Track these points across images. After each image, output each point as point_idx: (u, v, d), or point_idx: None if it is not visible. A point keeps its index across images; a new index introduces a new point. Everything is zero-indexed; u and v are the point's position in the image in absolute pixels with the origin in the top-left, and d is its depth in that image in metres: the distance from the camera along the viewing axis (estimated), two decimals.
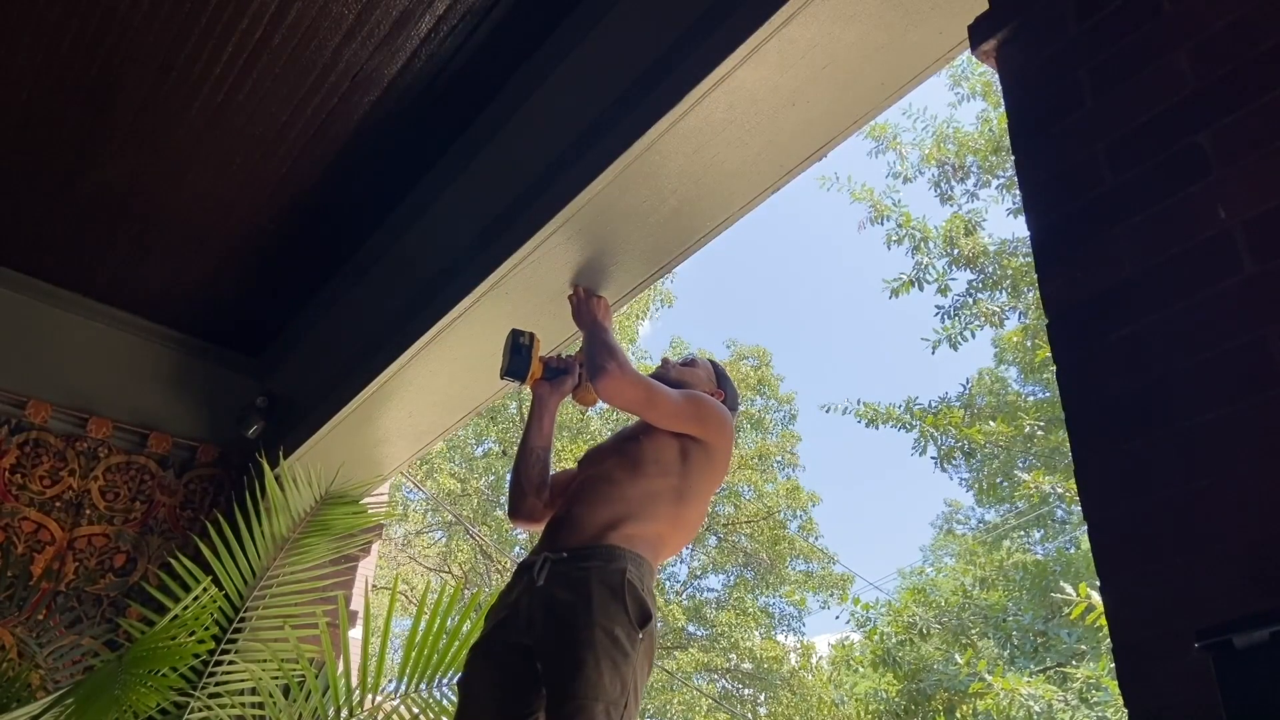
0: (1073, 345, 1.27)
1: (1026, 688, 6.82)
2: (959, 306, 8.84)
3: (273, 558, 3.12)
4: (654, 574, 1.98)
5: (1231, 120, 1.18)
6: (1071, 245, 1.31)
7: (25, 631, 3.13)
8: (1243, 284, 1.10)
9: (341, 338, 3.46)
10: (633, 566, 1.88)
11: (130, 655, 2.38)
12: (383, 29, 2.62)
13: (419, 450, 3.61)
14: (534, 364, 2.37)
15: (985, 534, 11.58)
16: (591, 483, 2.09)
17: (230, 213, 3.28)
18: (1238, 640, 0.87)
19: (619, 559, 1.89)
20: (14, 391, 3.42)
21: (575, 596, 1.82)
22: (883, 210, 8.80)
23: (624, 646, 1.76)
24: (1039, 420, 8.74)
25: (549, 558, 1.91)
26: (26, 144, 3.02)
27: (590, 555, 1.89)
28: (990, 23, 1.53)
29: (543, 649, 1.82)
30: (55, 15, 2.58)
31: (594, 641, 1.74)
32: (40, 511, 3.34)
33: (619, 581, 1.84)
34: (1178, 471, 1.10)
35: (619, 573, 1.86)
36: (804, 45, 1.98)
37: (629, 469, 2.07)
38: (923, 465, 21.80)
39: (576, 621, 1.78)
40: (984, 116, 9.11)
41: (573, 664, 1.73)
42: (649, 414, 2.13)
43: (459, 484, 12.39)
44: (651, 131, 2.17)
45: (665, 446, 2.09)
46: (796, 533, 13.31)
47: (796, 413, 13.99)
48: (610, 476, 2.07)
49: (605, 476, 2.08)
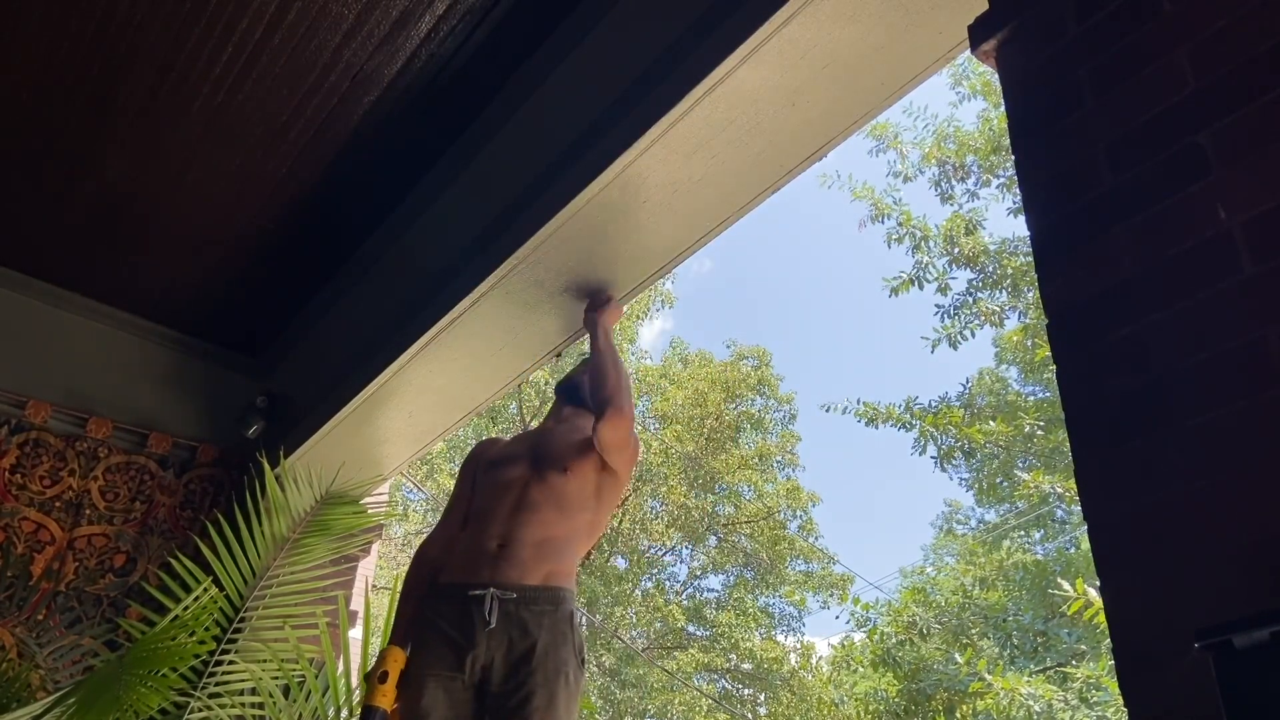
0: (1073, 345, 1.27)
1: (1026, 687, 6.82)
2: (959, 306, 8.84)
3: (273, 558, 3.12)
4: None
5: (1231, 120, 1.17)
6: (1071, 245, 1.30)
7: (25, 631, 3.13)
8: (1242, 284, 1.10)
9: (341, 338, 3.46)
10: (574, 607, 2.02)
11: (131, 655, 2.38)
12: (383, 29, 2.62)
13: (419, 450, 3.61)
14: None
15: (985, 534, 11.58)
16: (518, 510, 2.10)
17: (230, 213, 3.28)
18: (1238, 640, 0.87)
19: (565, 601, 2.00)
20: (14, 391, 3.42)
21: (536, 642, 1.92)
22: (883, 209, 8.80)
23: (574, 686, 1.93)
24: (1039, 420, 8.74)
25: (497, 596, 1.96)
26: (27, 144, 3.02)
27: (539, 598, 1.98)
28: (990, 23, 1.53)
29: (507, 689, 1.89)
30: (55, 16, 2.58)
31: (556, 685, 1.89)
32: (40, 511, 3.34)
33: (568, 626, 1.97)
34: (1178, 471, 1.10)
35: (568, 616, 1.99)
36: (804, 45, 1.98)
37: (556, 506, 2.12)
38: (923, 465, 21.82)
39: (544, 666, 1.90)
40: (984, 116, 9.11)
41: (545, 703, 1.86)
42: (621, 457, 2.20)
43: None
44: (652, 131, 2.17)
45: (587, 482, 2.17)
46: (796, 533, 13.32)
47: (796, 413, 14.01)
48: (537, 508, 2.10)
49: (531, 505, 2.10)
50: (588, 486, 2.16)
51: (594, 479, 2.17)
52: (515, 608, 1.95)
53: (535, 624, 1.94)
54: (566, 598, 2.02)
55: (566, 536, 2.10)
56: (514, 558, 2.03)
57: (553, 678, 1.89)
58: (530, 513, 2.09)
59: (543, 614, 1.96)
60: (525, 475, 2.17)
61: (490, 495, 2.16)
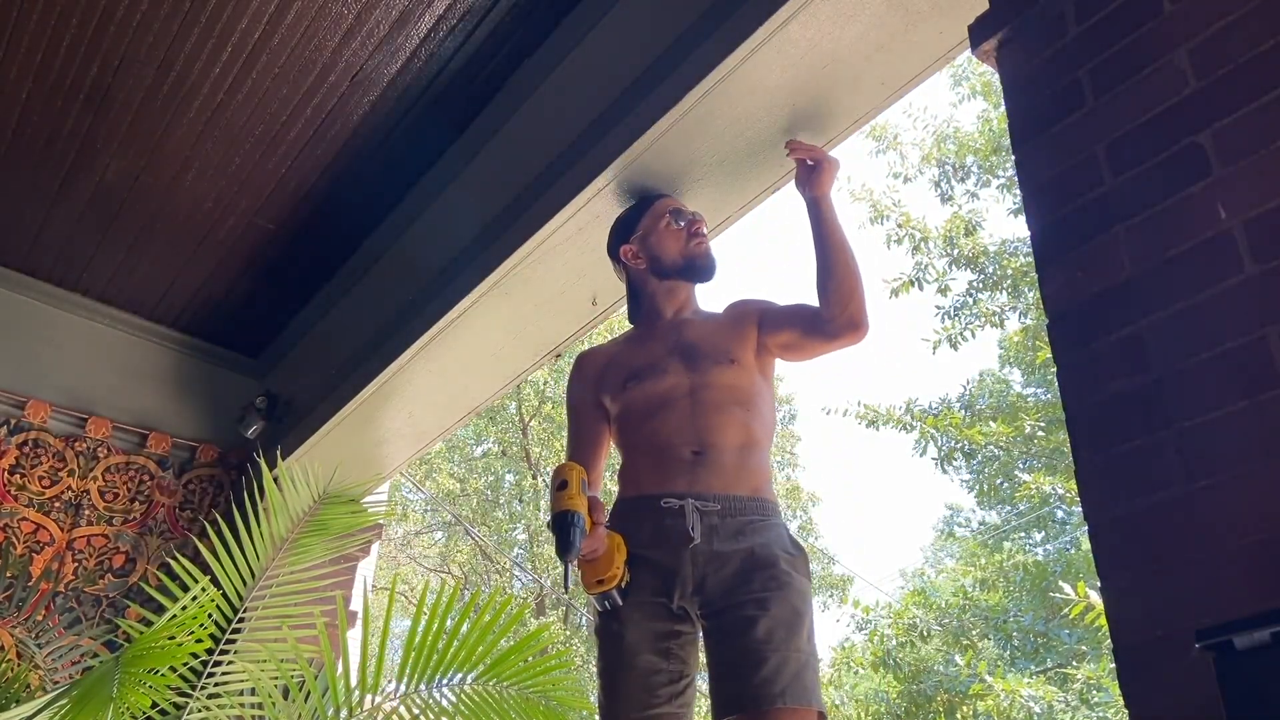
0: (1073, 345, 1.27)
1: (1027, 689, 6.82)
2: (959, 306, 8.84)
3: (271, 558, 3.11)
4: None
5: (1231, 120, 1.17)
6: (1071, 245, 1.30)
7: (24, 632, 3.13)
8: (1243, 284, 1.10)
9: (341, 338, 3.46)
10: (785, 524, 1.86)
11: (126, 655, 2.37)
12: (382, 29, 2.61)
13: (419, 450, 3.61)
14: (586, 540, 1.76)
15: (986, 535, 11.58)
16: (696, 415, 1.85)
17: (230, 213, 3.28)
18: (1238, 640, 0.87)
19: (777, 514, 1.84)
20: (13, 391, 3.42)
21: (753, 548, 1.74)
22: (883, 210, 8.79)
23: (810, 605, 1.76)
24: (1039, 421, 8.74)
25: (698, 508, 1.75)
26: (26, 144, 3.02)
27: (747, 509, 1.78)
28: (990, 23, 1.53)
29: (742, 607, 1.70)
30: (54, 15, 2.58)
31: (801, 597, 1.73)
32: (39, 512, 3.34)
33: (786, 536, 1.82)
34: (1178, 471, 1.10)
35: (783, 528, 1.83)
36: (804, 45, 1.98)
37: (738, 403, 1.86)
38: (923, 466, 21.82)
39: (789, 580, 1.73)
40: (984, 116, 9.12)
41: (789, 619, 1.69)
42: (803, 357, 1.99)
43: (458, 484, 12.39)
44: (651, 132, 2.17)
45: (754, 369, 1.94)
46: (796, 533, 13.30)
47: (796, 413, 13.99)
48: (722, 408, 1.85)
49: (714, 407, 1.85)
50: (755, 372, 1.92)
51: (755, 363, 1.93)
52: (720, 519, 1.75)
53: (749, 531, 1.75)
54: (776, 511, 1.82)
55: (760, 439, 1.86)
56: (716, 464, 1.81)
57: (803, 590, 1.72)
58: (719, 415, 1.84)
59: (753, 524, 1.77)
60: (686, 380, 1.90)
61: (650, 411, 1.89)
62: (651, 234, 2.12)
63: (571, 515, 1.72)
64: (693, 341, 1.97)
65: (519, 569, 12.39)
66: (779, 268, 39.90)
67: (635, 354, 2.02)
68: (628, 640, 1.78)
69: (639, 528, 1.81)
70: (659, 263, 2.09)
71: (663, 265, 2.09)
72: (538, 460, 11.86)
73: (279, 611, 3.07)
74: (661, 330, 2.04)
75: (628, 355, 2.04)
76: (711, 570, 1.74)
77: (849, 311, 1.86)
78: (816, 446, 32.30)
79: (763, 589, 1.71)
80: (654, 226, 2.12)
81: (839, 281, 1.88)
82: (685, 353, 1.94)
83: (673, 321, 2.05)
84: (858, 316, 1.86)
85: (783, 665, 1.64)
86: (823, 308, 1.89)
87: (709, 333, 1.99)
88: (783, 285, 40.93)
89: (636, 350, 2.04)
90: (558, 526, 1.72)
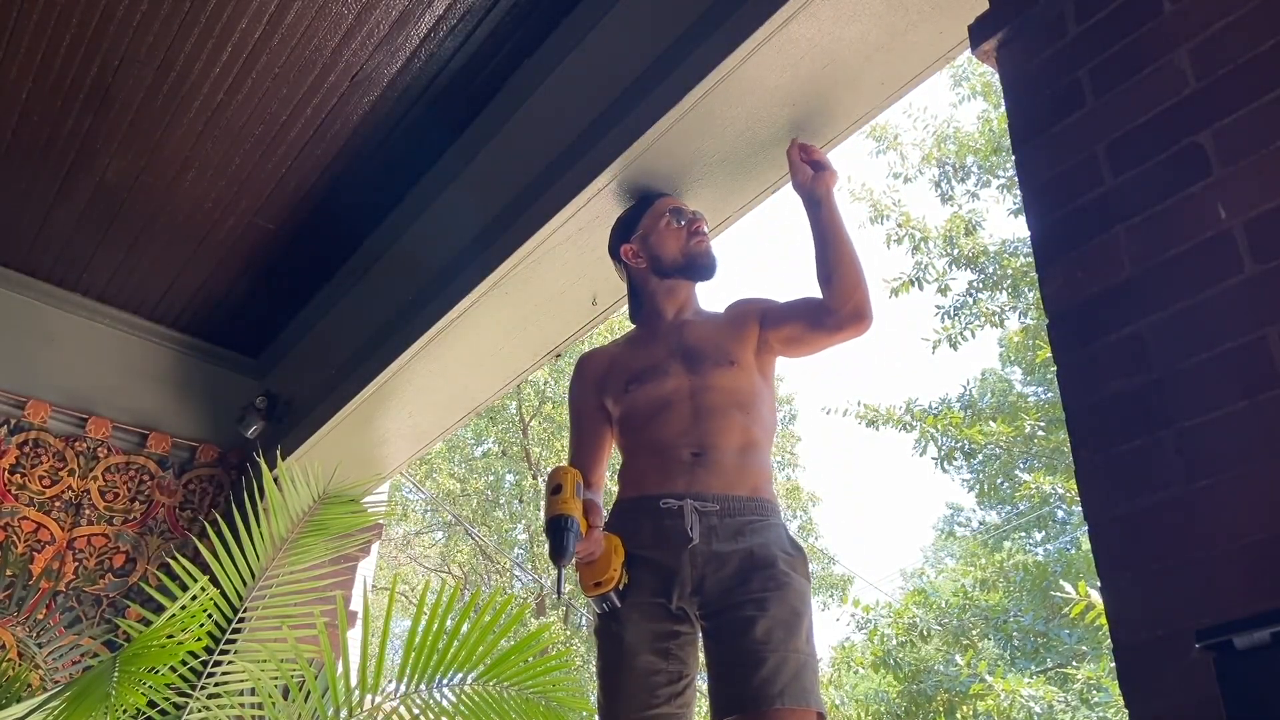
0: (1073, 345, 1.27)
1: (1027, 689, 6.82)
2: (959, 306, 8.84)
3: (271, 558, 3.11)
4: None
5: (1231, 120, 1.17)
6: (1071, 245, 1.30)
7: (25, 631, 3.13)
8: (1243, 284, 1.10)
9: (341, 338, 3.46)
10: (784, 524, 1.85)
11: (125, 654, 2.37)
12: (382, 29, 2.61)
13: (419, 450, 3.61)
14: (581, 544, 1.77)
15: (986, 535, 11.57)
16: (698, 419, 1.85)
17: (230, 213, 3.28)
18: (1238, 641, 0.87)
19: (776, 514, 1.83)
20: (13, 391, 3.42)
21: (751, 549, 1.73)
22: (883, 210, 8.80)
23: (809, 604, 1.75)
24: (1039, 421, 8.74)
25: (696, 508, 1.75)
26: (26, 144, 3.02)
27: (745, 509, 1.78)
28: (990, 23, 1.53)
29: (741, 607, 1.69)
30: (54, 15, 2.58)
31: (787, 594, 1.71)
32: (40, 511, 3.34)
33: (785, 536, 1.81)
34: (1178, 471, 1.10)
35: (783, 528, 1.83)
36: (804, 45, 1.98)
37: (738, 406, 1.85)
38: (923, 466, 21.82)
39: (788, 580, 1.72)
40: (984, 116, 9.12)
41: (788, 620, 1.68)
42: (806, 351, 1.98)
43: (459, 484, 12.39)
44: (651, 132, 2.17)
45: (753, 371, 1.93)
46: (796, 533, 13.31)
47: (796, 413, 13.99)
48: (722, 411, 1.84)
49: (715, 411, 1.84)
50: (755, 374, 1.91)
51: (755, 363, 1.93)
52: (719, 520, 1.75)
53: (748, 532, 1.75)
54: (776, 511, 1.81)
55: (759, 440, 1.86)
56: (715, 465, 1.80)
57: (802, 590, 1.72)
58: (719, 418, 1.84)
59: (752, 524, 1.76)
60: (686, 383, 1.90)
61: (652, 413, 1.89)
62: (652, 233, 2.12)
63: (565, 520, 1.72)
64: (694, 343, 1.97)
65: (519, 569, 12.39)
66: (779, 268, 39.89)
67: (637, 356, 2.02)
68: (627, 641, 1.78)
69: (639, 528, 1.82)
70: (659, 262, 2.10)
71: (663, 264, 2.09)
72: (538, 460, 11.86)
73: (279, 611, 3.07)
74: (663, 332, 2.05)
75: (629, 357, 2.04)
76: (710, 571, 1.74)
77: (854, 302, 1.85)
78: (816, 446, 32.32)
79: (761, 589, 1.71)
80: (654, 225, 2.12)
81: (844, 273, 1.87)
82: (686, 355, 1.95)
83: (674, 322, 2.06)
84: (863, 307, 1.85)
85: (781, 666, 1.64)
86: (827, 299, 1.88)
87: (710, 334, 1.99)
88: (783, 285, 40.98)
89: (638, 352, 2.04)
90: (551, 531, 1.74)
